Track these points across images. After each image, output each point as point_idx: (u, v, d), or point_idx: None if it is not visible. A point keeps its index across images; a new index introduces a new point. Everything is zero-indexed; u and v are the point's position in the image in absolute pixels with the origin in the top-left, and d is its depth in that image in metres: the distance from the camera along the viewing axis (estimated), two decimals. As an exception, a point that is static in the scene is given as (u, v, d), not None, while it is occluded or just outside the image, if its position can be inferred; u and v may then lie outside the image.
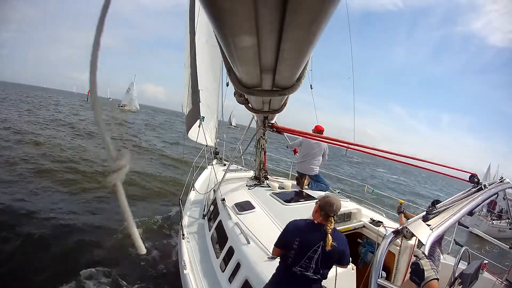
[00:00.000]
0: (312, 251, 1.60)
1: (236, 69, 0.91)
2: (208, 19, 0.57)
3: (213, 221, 3.20)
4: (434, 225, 1.27)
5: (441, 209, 1.43)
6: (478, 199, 1.76)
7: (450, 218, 1.39)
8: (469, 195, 1.80)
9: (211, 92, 5.78)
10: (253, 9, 0.50)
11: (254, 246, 2.31)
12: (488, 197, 1.91)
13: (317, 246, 1.60)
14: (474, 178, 2.05)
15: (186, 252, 2.82)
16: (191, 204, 4.11)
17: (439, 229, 1.27)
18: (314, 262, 1.60)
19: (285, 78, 0.97)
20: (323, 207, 1.68)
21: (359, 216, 3.19)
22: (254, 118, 3.50)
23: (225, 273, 2.37)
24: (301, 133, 2.57)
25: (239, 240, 2.41)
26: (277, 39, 0.63)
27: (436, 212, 1.38)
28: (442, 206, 1.51)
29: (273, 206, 3.11)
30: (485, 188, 1.95)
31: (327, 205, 1.67)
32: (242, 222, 2.65)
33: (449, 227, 1.37)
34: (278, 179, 4.37)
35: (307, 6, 0.50)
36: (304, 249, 1.62)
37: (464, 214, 1.54)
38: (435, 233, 1.22)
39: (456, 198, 1.71)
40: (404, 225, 1.22)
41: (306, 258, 1.60)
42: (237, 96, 1.56)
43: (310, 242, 1.62)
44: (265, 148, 4.26)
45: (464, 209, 1.56)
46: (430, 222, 1.30)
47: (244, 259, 2.22)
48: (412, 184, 31.84)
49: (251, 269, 2.08)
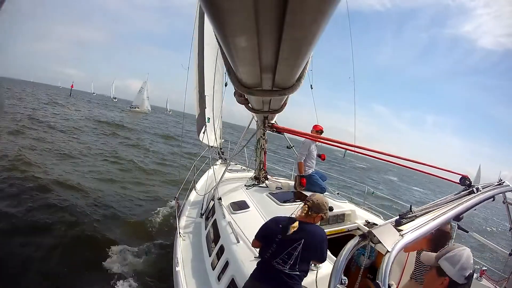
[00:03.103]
0: (292, 248, 1.65)
1: (236, 69, 0.91)
2: (208, 19, 0.57)
3: (210, 220, 3.23)
4: (407, 231, 1.12)
5: (419, 213, 1.28)
6: (468, 203, 1.60)
7: (429, 223, 1.23)
8: (457, 199, 1.65)
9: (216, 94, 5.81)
10: (253, 9, 0.50)
11: (243, 246, 2.33)
12: (482, 201, 1.75)
13: (298, 244, 1.65)
14: (466, 180, 1.89)
15: (179, 250, 2.86)
16: (191, 204, 4.14)
17: (412, 234, 1.11)
18: (293, 258, 1.64)
19: (285, 78, 0.97)
20: (313, 207, 1.78)
21: (354, 218, 3.17)
22: (254, 118, 3.50)
23: (215, 271, 2.40)
24: (301, 134, 2.55)
25: (230, 239, 2.44)
26: (277, 39, 0.63)
27: (412, 216, 1.23)
28: (423, 209, 1.35)
29: (267, 206, 3.12)
30: (477, 192, 1.79)
31: (318, 205, 1.78)
32: (235, 221, 2.68)
33: (427, 233, 1.21)
34: (278, 180, 4.37)
35: (307, 6, 0.50)
36: (283, 247, 1.67)
37: (448, 219, 1.40)
38: (405, 239, 1.06)
39: (440, 201, 1.56)
40: (371, 229, 1.09)
41: (285, 253, 1.66)
42: (237, 96, 1.56)
43: (291, 242, 1.67)
44: (265, 148, 4.26)
45: (449, 213, 1.40)
46: (402, 227, 1.15)
47: (232, 258, 2.25)
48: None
49: (237, 268, 2.12)
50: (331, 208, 2.92)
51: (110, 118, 25.80)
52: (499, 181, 2.12)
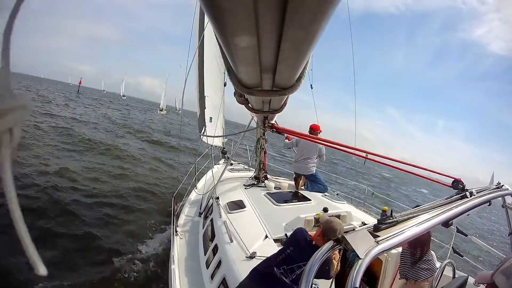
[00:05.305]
0: (297, 266, 1.62)
1: (236, 69, 0.91)
2: (208, 19, 0.57)
3: (208, 219, 3.25)
4: (384, 237, 1.03)
5: (400, 219, 1.18)
6: (459, 208, 1.48)
7: (409, 230, 1.13)
8: (447, 203, 1.53)
9: (217, 93, 5.83)
10: (253, 9, 0.50)
11: (236, 245, 2.34)
12: (475, 206, 1.63)
13: (303, 264, 1.60)
14: (458, 184, 1.77)
15: (176, 248, 2.88)
16: (191, 202, 4.16)
17: (389, 241, 1.02)
18: (295, 275, 1.61)
19: (285, 78, 0.97)
20: (326, 233, 1.67)
21: (350, 219, 3.14)
22: (253, 118, 3.51)
23: (208, 270, 2.41)
24: (302, 135, 2.55)
25: (224, 239, 2.44)
26: (277, 39, 0.63)
27: (393, 222, 1.13)
28: (406, 214, 1.25)
29: (264, 206, 3.13)
30: (471, 196, 1.67)
31: (330, 231, 1.64)
32: (230, 221, 2.69)
33: (408, 239, 1.11)
34: (278, 179, 4.37)
35: (307, 6, 0.50)
36: (292, 260, 1.65)
37: (434, 225, 1.29)
38: (380, 247, 0.98)
39: (428, 206, 1.45)
40: (345, 233, 1.01)
41: (289, 268, 1.63)
42: (237, 96, 1.56)
43: (299, 258, 1.64)
44: (265, 148, 4.27)
45: (434, 219, 1.29)
46: (380, 232, 1.06)
47: (224, 257, 2.26)
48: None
49: (229, 268, 2.12)
50: (326, 209, 2.92)
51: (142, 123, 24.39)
52: (497, 185, 2.02)
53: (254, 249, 2.23)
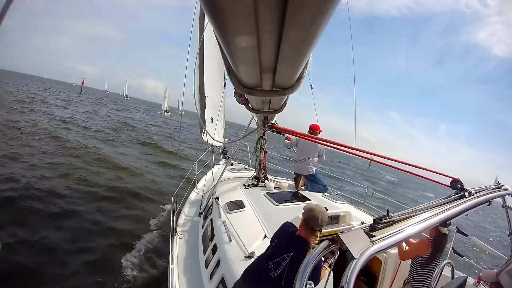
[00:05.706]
0: (282, 258, 1.61)
1: (236, 69, 0.91)
2: (208, 19, 0.57)
3: (207, 218, 3.25)
4: (380, 237, 1.03)
5: (397, 218, 1.18)
6: (457, 208, 1.48)
7: (406, 229, 1.13)
8: (446, 203, 1.52)
9: (218, 93, 5.84)
10: (253, 9, 0.50)
11: (235, 245, 2.34)
12: (474, 206, 1.62)
13: (287, 256, 1.60)
14: (457, 184, 1.77)
15: (175, 248, 2.88)
16: (191, 202, 4.16)
17: (385, 241, 1.01)
18: (281, 268, 1.60)
19: (285, 78, 0.96)
20: (308, 221, 1.64)
21: (349, 219, 3.14)
22: (253, 118, 3.51)
23: (207, 269, 2.42)
24: (302, 135, 2.54)
25: (223, 238, 2.45)
26: (277, 39, 0.63)
27: (389, 222, 1.13)
28: (403, 214, 1.25)
29: (263, 206, 3.13)
30: (469, 196, 1.66)
31: (312, 219, 1.62)
32: (229, 221, 2.69)
33: (404, 239, 1.12)
34: (278, 179, 4.37)
35: (307, 6, 0.50)
36: (277, 253, 1.65)
37: (432, 225, 1.29)
38: (375, 247, 0.97)
39: (425, 205, 1.44)
40: (340, 233, 1.00)
41: (275, 262, 1.62)
42: (237, 96, 1.56)
43: (283, 250, 1.63)
44: (265, 148, 4.27)
45: (432, 219, 1.28)
46: (376, 232, 1.05)
47: (223, 257, 2.26)
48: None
49: (228, 268, 2.12)
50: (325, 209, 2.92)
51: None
52: (497, 185, 2.01)
53: (253, 249, 2.23)
